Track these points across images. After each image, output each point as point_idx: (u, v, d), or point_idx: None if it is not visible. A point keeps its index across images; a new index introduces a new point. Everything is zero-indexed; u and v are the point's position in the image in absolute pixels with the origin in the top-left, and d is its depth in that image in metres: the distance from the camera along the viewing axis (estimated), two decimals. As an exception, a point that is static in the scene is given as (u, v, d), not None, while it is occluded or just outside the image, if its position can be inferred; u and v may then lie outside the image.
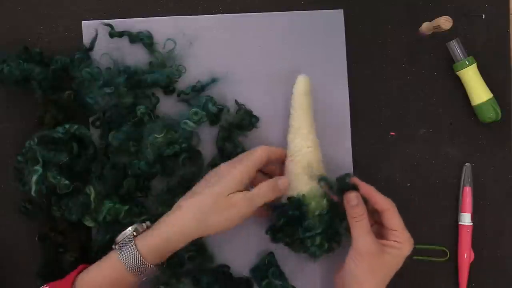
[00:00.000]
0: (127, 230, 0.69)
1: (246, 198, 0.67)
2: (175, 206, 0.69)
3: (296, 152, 0.73)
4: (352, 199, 0.68)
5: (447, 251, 0.80)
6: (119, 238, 0.68)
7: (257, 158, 0.70)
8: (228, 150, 0.76)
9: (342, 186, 0.69)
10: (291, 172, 0.73)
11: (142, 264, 0.65)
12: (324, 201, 0.71)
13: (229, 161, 0.71)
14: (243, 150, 0.76)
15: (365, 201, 0.69)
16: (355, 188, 0.69)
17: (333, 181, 0.70)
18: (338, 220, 0.72)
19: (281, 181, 0.70)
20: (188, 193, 0.70)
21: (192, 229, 0.66)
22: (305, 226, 0.70)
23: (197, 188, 0.70)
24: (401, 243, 0.67)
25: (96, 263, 0.68)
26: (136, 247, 0.66)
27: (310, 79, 0.75)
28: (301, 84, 0.75)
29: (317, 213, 0.71)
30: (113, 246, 0.68)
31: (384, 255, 0.67)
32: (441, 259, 0.80)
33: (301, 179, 0.72)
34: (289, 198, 0.72)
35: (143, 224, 0.70)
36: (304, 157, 0.72)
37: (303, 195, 0.71)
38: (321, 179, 0.70)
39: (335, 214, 0.71)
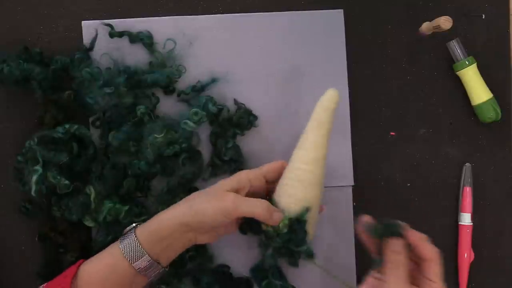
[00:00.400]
0: (133, 224, 0.71)
1: (236, 199, 0.66)
2: None
3: (292, 165, 0.69)
4: (396, 245, 0.64)
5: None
6: (125, 230, 0.70)
7: (268, 166, 0.70)
8: (219, 145, 0.77)
9: (388, 233, 0.65)
10: (281, 178, 0.70)
11: (138, 250, 0.66)
12: (280, 225, 0.68)
13: None
14: (235, 147, 0.77)
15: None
16: (401, 235, 0.65)
17: (375, 225, 0.65)
18: (294, 246, 0.69)
19: (277, 214, 0.68)
20: None
21: (181, 211, 0.67)
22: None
23: None
24: None
25: (99, 253, 0.68)
26: (135, 234, 0.67)
27: (338, 93, 0.68)
28: (327, 99, 0.68)
29: (269, 230, 0.69)
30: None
31: None
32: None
33: (281, 190, 0.69)
34: None
35: None
36: (295, 173, 0.69)
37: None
38: (365, 226, 0.66)
39: (293, 239, 0.69)
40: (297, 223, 0.69)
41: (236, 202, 0.66)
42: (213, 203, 0.66)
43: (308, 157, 0.68)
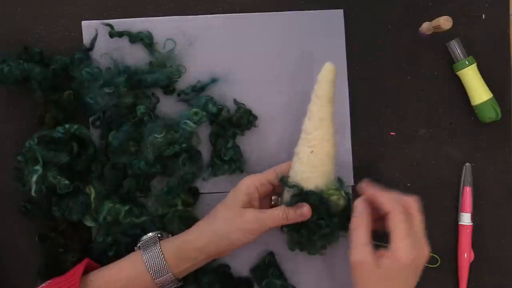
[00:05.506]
0: (151, 233, 0.71)
1: (257, 218, 0.67)
2: None
3: (317, 144, 0.70)
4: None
5: (438, 257, 0.80)
6: (143, 239, 0.70)
7: (274, 169, 0.71)
8: (219, 145, 0.77)
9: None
10: (307, 164, 0.70)
11: (163, 267, 0.67)
12: (343, 193, 0.70)
13: None
14: (235, 147, 0.77)
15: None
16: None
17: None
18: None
19: (299, 210, 0.68)
20: None
21: (205, 232, 0.69)
22: (330, 220, 0.69)
23: None
24: (396, 251, 0.62)
25: (117, 261, 0.69)
26: (160, 248, 0.67)
27: (335, 67, 0.71)
28: (329, 72, 0.71)
29: (341, 205, 0.70)
30: (136, 247, 0.70)
31: (379, 267, 0.62)
32: (431, 265, 0.79)
33: (319, 171, 0.70)
34: (307, 192, 0.69)
35: (169, 234, 0.72)
36: (324, 149, 0.70)
37: (322, 190, 0.70)
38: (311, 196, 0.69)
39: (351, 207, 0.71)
40: (347, 194, 0.71)
41: (258, 221, 0.67)
42: (235, 226, 0.67)
43: (329, 131, 0.70)
